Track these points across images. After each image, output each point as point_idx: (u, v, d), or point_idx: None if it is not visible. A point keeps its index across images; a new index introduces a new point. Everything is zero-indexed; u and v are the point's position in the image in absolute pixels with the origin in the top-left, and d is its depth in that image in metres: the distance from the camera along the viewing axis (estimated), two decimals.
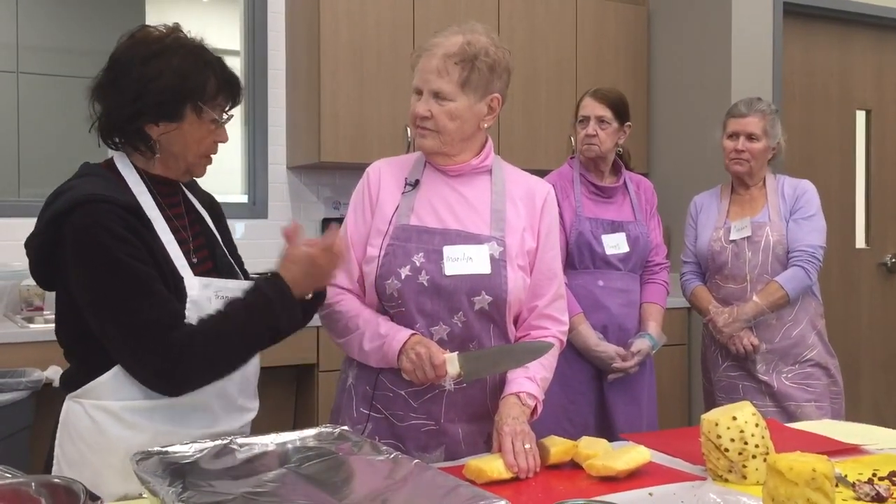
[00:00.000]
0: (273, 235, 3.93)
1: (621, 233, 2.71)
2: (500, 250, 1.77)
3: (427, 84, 1.75)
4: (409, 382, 1.74)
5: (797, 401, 2.83)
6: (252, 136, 3.95)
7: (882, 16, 4.63)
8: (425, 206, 1.80)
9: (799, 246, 2.83)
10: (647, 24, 4.49)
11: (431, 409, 1.77)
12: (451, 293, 1.73)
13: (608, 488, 1.49)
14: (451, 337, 1.75)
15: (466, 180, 1.84)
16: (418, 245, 1.75)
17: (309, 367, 3.38)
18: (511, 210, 1.83)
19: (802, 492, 1.18)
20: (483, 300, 1.75)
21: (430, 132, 1.77)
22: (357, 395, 1.84)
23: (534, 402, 1.74)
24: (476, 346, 1.77)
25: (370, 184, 1.86)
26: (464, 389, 1.77)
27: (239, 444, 1.40)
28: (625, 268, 2.71)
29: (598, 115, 2.70)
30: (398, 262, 1.74)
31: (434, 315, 1.74)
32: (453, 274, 1.73)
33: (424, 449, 1.78)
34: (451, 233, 1.77)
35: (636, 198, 2.79)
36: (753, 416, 1.54)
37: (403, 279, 1.73)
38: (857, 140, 4.73)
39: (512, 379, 1.77)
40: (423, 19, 3.84)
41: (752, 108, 2.90)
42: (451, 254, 1.74)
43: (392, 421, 1.79)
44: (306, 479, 1.30)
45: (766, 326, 2.85)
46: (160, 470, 1.27)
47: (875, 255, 4.77)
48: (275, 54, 3.96)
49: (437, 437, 1.78)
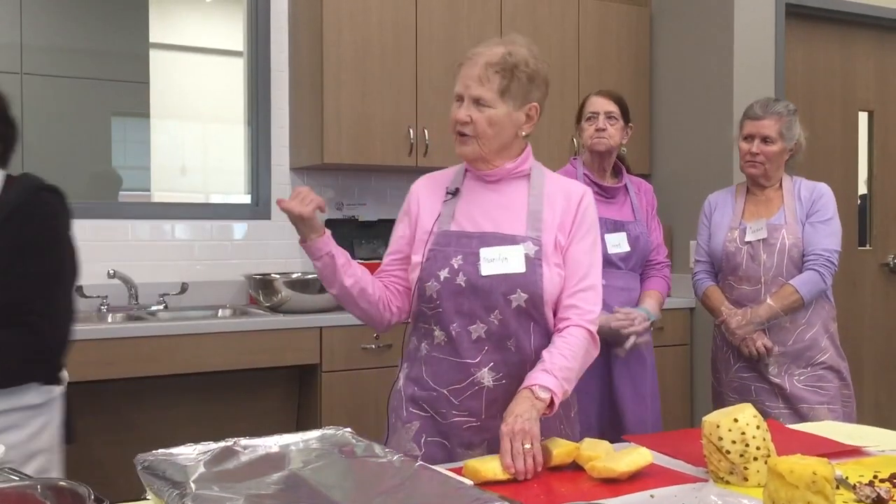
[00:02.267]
0: (276, 236, 3.95)
1: (622, 232, 2.73)
2: (535, 249, 1.83)
3: (468, 90, 1.84)
4: (450, 380, 1.83)
5: (810, 403, 2.82)
6: (255, 137, 3.96)
7: (885, 17, 4.62)
8: (465, 213, 1.90)
9: (815, 249, 2.82)
10: (649, 25, 4.49)
11: (472, 405, 1.84)
12: (488, 292, 1.81)
13: (610, 490, 1.49)
14: (488, 335, 1.82)
15: (504, 185, 1.92)
16: (457, 249, 1.85)
17: (312, 368, 3.39)
18: (548, 210, 1.89)
19: (803, 495, 1.19)
20: (519, 298, 1.81)
21: (469, 138, 1.86)
22: (406, 396, 1.92)
23: (548, 394, 1.72)
24: (514, 343, 1.82)
25: (410, 201, 1.99)
26: (503, 385, 1.82)
27: (242, 446, 1.41)
28: (626, 267, 2.73)
29: (607, 110, 2.74)
30: (438, 266, 1.84)
31: (471, 314, 1.82)
32: (489, 274, 1.81)
33: (468, 446, 1.84)
34: (487, 235, 1.86)
35: (637, 199, 2.81)
36: (755, 417, 1.54)
37: (442, 281, 1.83)
38: (860, 141, 4.74)
39: (529, 373, 1.78)
40: (426, 21, 3.85)
41: (768, 111, 2.87)
42: (487, 255, 1.82)
43: (437, 419, 1.86)
44: (309, 481, 1.31)
45: (780, 329, 2.84)
46: (164, 472, 1.27)
47: (877, 255, 4.77)
48: (278, 55, 3.97)
49: (480, 433, 1.84)
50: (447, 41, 3.86)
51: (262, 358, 3.27)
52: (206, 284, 3.76)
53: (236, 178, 4.07)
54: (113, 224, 3.64)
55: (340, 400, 3.35)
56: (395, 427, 1.94)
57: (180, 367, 3.13)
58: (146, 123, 4.00)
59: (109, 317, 3.41)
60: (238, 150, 4.06)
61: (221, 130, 4.14)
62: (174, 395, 3.44)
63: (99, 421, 3.27)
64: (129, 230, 3.67)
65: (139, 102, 4.01)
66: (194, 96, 4.14)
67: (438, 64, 3.82)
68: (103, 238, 3.60)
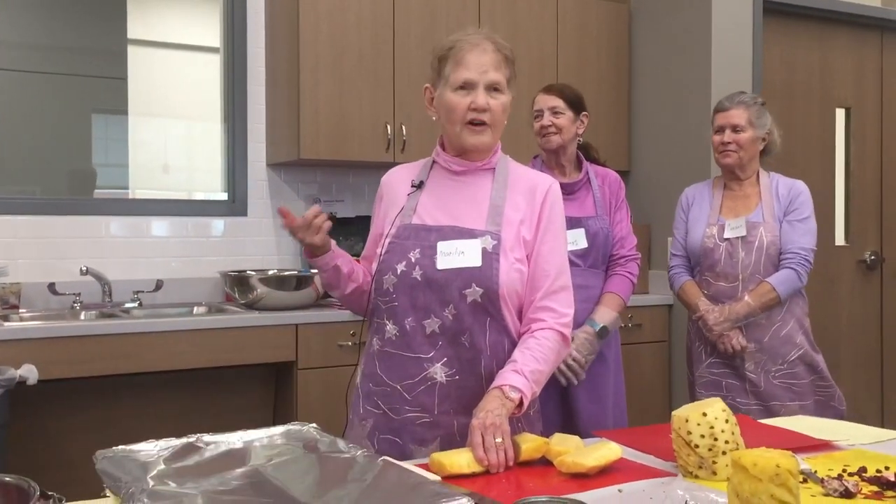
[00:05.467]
0: (253, 233, 3.92)
1: (580, 229, 2.68)
2: (493, 244, 1.81)
3: (485, 76, 1.81)
4: (403, 376, 1.81)
5: (781, 400, 2.84)
6: (232, 134, 3.94)
7: (862, 14, 4.65)
8: (426, 207, 1.88)
9: (792, 248, 2.84)
10: (628, 21, 4.49)
11: (425, 401, 1.80)
12: (443, 286, 1.78)
13: (578, 485, 1.48)
14: (442, 329, 1.79)
15: (470, 178, 1.90)
16: (415, 242, 1.82)
17: (288, 365, 3.37)
18: (510, 204, 1.87)
19: (766, 487, 1.18)
20: (474, 292, 1.78)
21: (486, 127, 1.83)
22: (363, 392, 1.91)
23: (518, 395, 1.72)
24: (468, 338, 1.79)
25: (379, 193, 1.99)
26: (456, 381, 1.80)
27: (205, 441, 1.39)
28: (584, 264, 2.69)
29: (550, 106, 2.72)
30: (395, 259, 1.82)
31: (426, 308, 1.80)
32: (445, 268, 1.78)
33: (421, 442, 1.81)
34: (445, 229, 1.83)
35: (599, 192, 2.77)
36: (724, 412, 1.54)
37: (399, 274, 1.81)
38: (837, 138, 4.76)
39: (500, 372, 1.77)
40: (404, 16, 3.83)
41: (735, 101, 2.93)
42: (444, 249, 1.80)
43: (390, 416, 1.83)
44: (272, 477, 1.29)
45: (756, 326, 2.86)
46: (123, 469, 1.25)
47: (854, 252, 4.80)
48: (254, 51, 3.94)
49: (433, 429, 1.81)
50: (425, 38, 3.84)
51: (238, 355, 3.24)
52: (182, 281, 3.73)
53: (212, 174, 4.04)
54: (88, 220, 3.60)
55: (317, 397, 3.33)
56: (352, 423, 1.93)
57: (155, 364, 3.10)
58: (125, 120, 3.96)
59: (82, 314, 3.38)
60: (215, 147, 4.03)
61: (199, 127, 4.11)
62: (148, 393, 3.41)
63: (72, 419, 3.24)
64: (104, 227, 3.63)
65: (118, 99, 3.97)
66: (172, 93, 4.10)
67: (416, 60, 3.81)
68: (77, 234, 3.56)
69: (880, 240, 4.90)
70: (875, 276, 4.85)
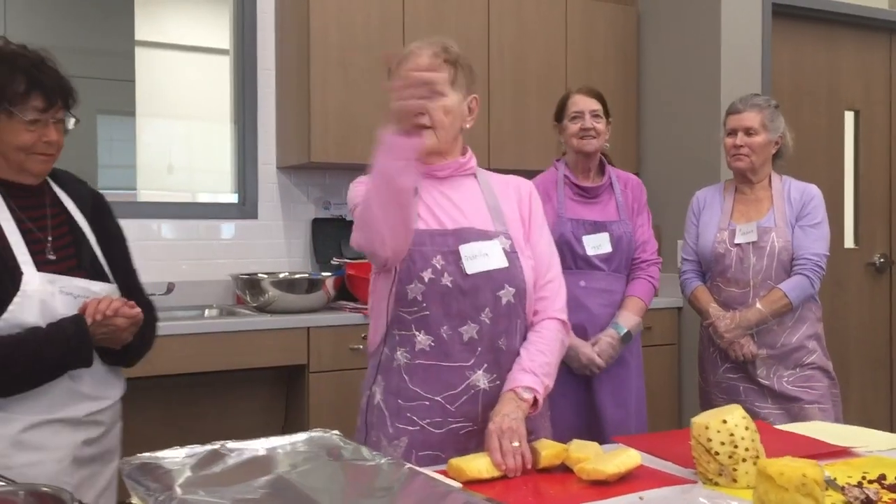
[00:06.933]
0: (263, 236, 3.93)
1: (604, 233, 2.69)
2: (509, 243, 1.82)
3: None
4: (444, 387, 1.77)
5: (800, 402, 2.82)
6: (242, 136, 3.94)
7: (871, 17, 4.65)
8: (424, 210, 1.83)
9: (804, 254, 2.81)
10: (636, 24, 4.49)
11: (468, 410, 1.79)
12: (476, 291, 1.77)
13: (599, 493, 1.48)
14: (480, 335, 1.78)
15: (455, 184, 1.89)
16: (432, 248, 1.78)
17: (299, 368, 3.37)
18: (504, 205, 1.89)
19: (792, 497, 1.18)
20: (508, 293, 1.79)
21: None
22: (389, 410, 1.83)
23: (531, 394, 1.72)
24: (504, 341, 1.80)
25: None
26: (498, 386, 1.79)
27: (229, 449, 1.40)
28: (608, 268, 2.70)
29: (591, 108, 2.71)
30: (419, 267, 1.77)
31: (461, 315, 1.78)
32: (475, 272, 1.77)
33: (464, 452, 1.76)
34: (463, 231, 1.81)
35: (622, 196, 2.78)
36: (744, 419, 1.54)
37: (427, 282, 1.76)
38: (846, 140, 4.76)
39: (509, 374, 1.78)
40: (413, 19, 3.83)
41: (748, 104, 2.89)
42: (467, 252, 1.78)
43: (430, 430, 1.79)
44: (296, 484, 1.29)
45: (768, 331, 2.83)
46: (149, 476, 1.26)
47: (863, 254, 4.79)
48: (264, 54, 3.94)
49: (478, 437, 1.77)
50: None
51: (249, 358, 3.25)
52: (193, 284, 3.74)
53: (223, 177, 4.04)
54: None
55: (328, 400, 3.33)
56: (378, 445, 1.83)
57: (166, 368, 3.10)
58: (132, 122, 3.97)
59: None
60: (225, 149, 4.04)
61: (208, 129, 4.11)
62: (160, 397, 3.41)
63: None
64: None
65: (125, 101, 3.98)
66: (180, 95, 4.10)
67: None
68: None
69: (889, 242, 4.89)
70: (884, 278, 4.85)
